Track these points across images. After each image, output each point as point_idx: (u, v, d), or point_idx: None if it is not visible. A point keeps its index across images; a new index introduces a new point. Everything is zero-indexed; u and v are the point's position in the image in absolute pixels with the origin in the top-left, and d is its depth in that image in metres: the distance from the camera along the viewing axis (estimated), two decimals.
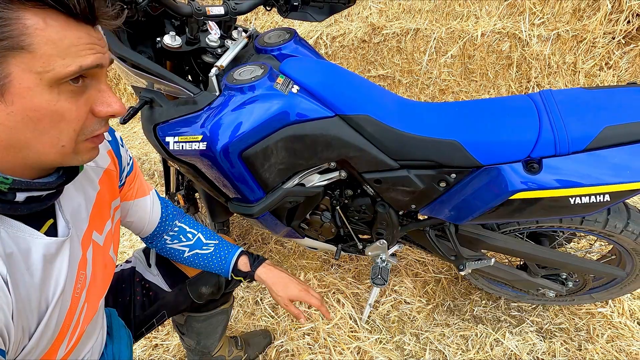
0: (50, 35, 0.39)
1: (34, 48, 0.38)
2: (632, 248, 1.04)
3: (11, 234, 0.46)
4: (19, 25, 0.37)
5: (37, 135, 0.42)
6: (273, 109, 0.86)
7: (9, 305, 0.44)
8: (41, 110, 0.41)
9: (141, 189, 0.80)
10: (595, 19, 1.70)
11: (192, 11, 0.85)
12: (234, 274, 0.86)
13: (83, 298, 0.58)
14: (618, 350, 1.26)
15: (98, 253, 0.63)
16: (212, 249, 0.87)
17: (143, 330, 0.92)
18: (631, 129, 0.77)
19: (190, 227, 0.90)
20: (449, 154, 0.90)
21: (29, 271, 0.48)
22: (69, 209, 0.56)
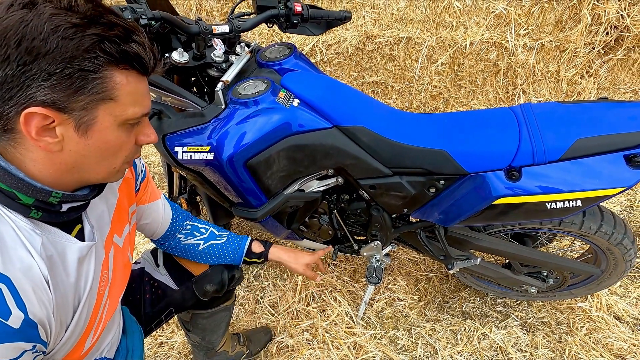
0: (130, 89, 0.49)
1: (118, 98, 0.49)
2: (606, 247, 1.13)
3: (50, 239, 0.53)
4: (111, 82, 0.47)
5: (100, 161, 0.53)
6: (275, 121, 0.93)
7: (50, 302, 0.51)
8: (109, 143, 0.52)
9: (153, 194, 0.87)
10: (576, 30, 1.79)
11: (200, 30, 0.91)
12: (247, 257, 0.96)
13: (106, 295, 0.65)
14: (595, 342, 1.36)
15: (118, 254, 0.70)
16: (225, 238, 0.97)
17: (152, 326, 0.98)
18: (601, 141, 0.85)
19: (201, 224, 0.98)
20: (438, 162, 0.97)
21: (65, 271, 0.55)
22: (94, 215, 0.63)
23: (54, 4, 0.43)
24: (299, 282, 1.56)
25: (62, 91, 0.44)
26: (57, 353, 0.55)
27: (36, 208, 0.50)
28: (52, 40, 0.42)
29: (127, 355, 0.79)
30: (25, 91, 0.43)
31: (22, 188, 0.48)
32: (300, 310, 1.48)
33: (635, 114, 0.85)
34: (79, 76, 0.44)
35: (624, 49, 1.80)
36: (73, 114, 0.46)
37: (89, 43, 0.44)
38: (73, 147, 0.49)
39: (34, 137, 0.46)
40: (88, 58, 0.44)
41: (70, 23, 0.43)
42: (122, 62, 0.47)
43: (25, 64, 0.42)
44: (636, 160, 0.81)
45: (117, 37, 0.46)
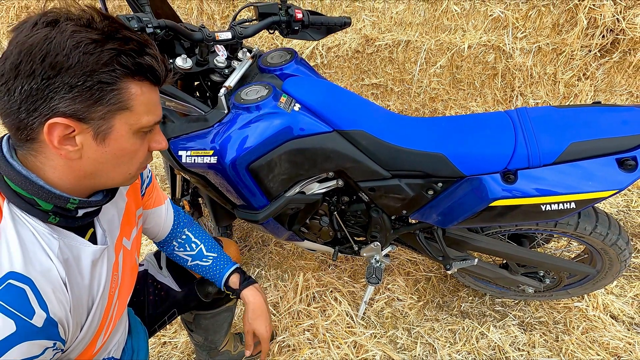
0: (144, 99, 0.53)
1: (133, 108, 0.52)
2: (601, 248, 1.16)
3: (67, 243, 0.56)
4: (127, 92, 0.51)
5: (116, 167, 0.56)
6: (277, 125, 0.95)
7: (68, 303, 0.53)
8: (125, 150, 0.55)
9: (158, 199, 0.89)
10: (573, 33, 1.82)
11: (203, 37, 0.93)
12: (225, 288, 0.93)
13: (116, 296, 0.68)
14: (591, 341, 1.38)
15: (127, 256, 0.72)
16: (210, 262, 0.93)
17: (156, 327, 1.00)
18: (594, 145, 0.87)
19: (195, 237, 0.96)
20: (436, 165, 1.00)
21: (80, 274, 0.57)
22: (105, 219, 0.66)
23: (74, 22, 0.47)
24: (300, 283, 1.59)
25: (82, 102, 0.47)
26: (72, 351, 0.58)
27: (54, 214, 0.53)
28: (74, 55, 0.45)
29: (133, 356, 0.82)
30: (48, 103, 0.46)
31: (42, 195, 0.51)
32: (301, 310, 1.50)
33: (627, 118, 0.88)
34: (98, 88, 0.48)
35: (619, 52, 1.83)
36: (92, 124, 0.50)
37: (107, 57, 0.47)
38: (91, 155, 0.52)
39: (56, 145, 0.49)
40: (106, 71, 0.47)
41: (90, 39, 0.46)
42: (137, 74, 0.50)
43: (49, 77, 0.45)
44: (628, 164, 0.84)
45: (133, 50, 0.49)
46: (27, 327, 0.46)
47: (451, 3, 1.90)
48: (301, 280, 1.59)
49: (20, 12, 2.58)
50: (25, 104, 0.46)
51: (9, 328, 0.44)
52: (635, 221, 1.88)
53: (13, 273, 0.47)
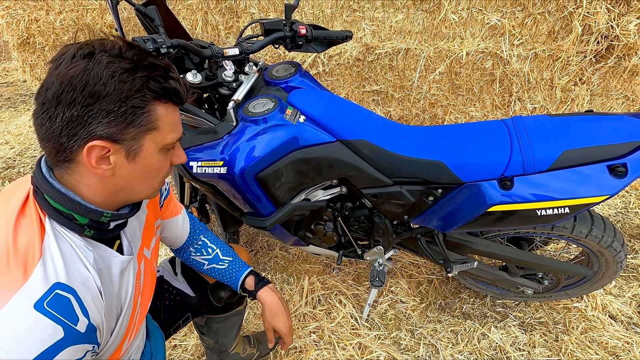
0: (169, 119, 0.58)
1: (160, 128, 0.57)
2: (597, 250, 1.20)
3: (99, 254, 0.61)
4: (155, 114, 0.56)
5: (143, 182, 0.61)
6: (283, 136, 1.00)
7: (103, 309, 0.58)
8: (152, 166, 0.60)
9: (175, 209, 0.94)
10: (568, 39, 1.86)
11: (212, 54, 0.99)
12: (241, 290, 0.97)
13: (139, 303, 0.72)
14: (590, 340, 1.41)
15: (147, 265, 0.77)
16: (226, 265, 0.97)
17: (171, 330, 1.04)
18: (586, 152, 0.92)
19: (211, 242, 1.01)
20: (435, 172, 1.04)
21: (111, 283, 0.62)
22: (129, 231, 0.71)
23: (108, 53, 0.52)
24: (305, 286, 1.63)
25: (117, 125, 0.53)
26: (103, 355, 0.63)
27: (89, 227, 0.58)
28: (110, 84, 0.51)
29: (152, 357, 0.86)
30: (87, 128, 0.51)
31: (79, 210, 0.56)
32: (307, 313, 1.54)
33: (618, 127, 0.92)
34: (131, 112, 0.53)
35: (614, 57, 1.87)
36: (125, 144, 0.55)
37: (139, 84, 0.52)
38: (123, 172, 0.57)
39: (93, 165, 0.54)
40: (138, 96, 0.53)
41: (124, 68, 0.51)
42: (163, 97, 0.56)
43: (88, 105, 0.50)
44: (618, 170, 0.88)
45: (160, 76, 0.54)
46: (73, 333, 0.51)
47: (449, 12, 1.95)
48: (306, 284, 1.64)
49: (30, 24, 2.65)
50: (66, 129, 0.51)
51: (59, 334, 0.49)
52: (633, 222, 1.91)
53: (59, 284, 0.52)
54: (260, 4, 2.18)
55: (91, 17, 2.46)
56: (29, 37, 2.63)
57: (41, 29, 2.57)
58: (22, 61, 2.75)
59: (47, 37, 2.61)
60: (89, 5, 2.42)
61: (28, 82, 2.96)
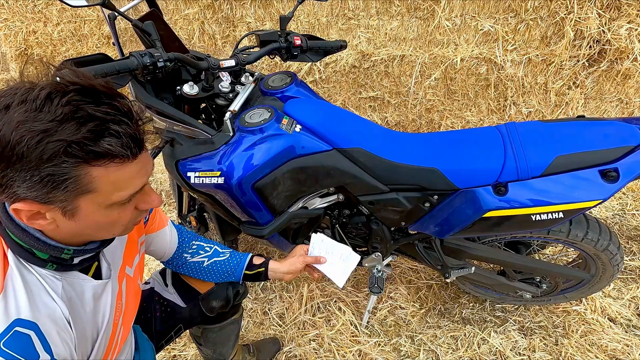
0: (111, 179, 0.50)
1: (98, 189, 0.50)
2: (593, 253, 1.20)
3: (69, 281, 0.59)
4: (87, 177, 0.48)
5: (97, 231, 0.57)
6: (280, 146, 1.01)
7: (72, 340, 0.57)
8: (100, 222, 0.55)
9: (161, 222, 0.93)
10: (561, 44, 1.89)
11: (209, 66, 1.00)
12: (248, 271, 0.98)
13: (120, 323, 0.71)
14: (590, 344, 1.42)
15: (130, 283, 0.76)
16: (228, 255, 1.00)
17: (163, 342, 1.03)
18: (578, 158, 0.93)
19: (206, 243, 1.02)
20: (431, 179, 1.05)
21: (84, 309, 0.61)
22: (109, 252, 0.70)
23: (26, 106, 0.44)
24: (305, 294, 1.63)
25: (38, 190, 0.47)
26: None
27: (51, 262, 0.56)
28: (18, 149, 0.44)
29: None
30: (10, 189, 0.47)
31: (37, 246, 0.54)
32: (307, 321, 1.54)
33: (609, 132, 0.93)
34: (48, 180, 0.46)
35: (607, 61, 1.89)
36: (56, 204, 0.49)
37: (50, 152, 0.44)
38: (67, 226, 0.53)
39: (26, 222, 0.51)
40: (53, 165, 0.45)
41: (35, 132, 0.44)
42: (94, 160, 0.47)
43: (2, 169, 0.45)
44: (610, 175, 0.89)
45: (86, 138, 0.45)
46: None
47: (443, 19, 1.98)
48: (306, 291, 1.64)
49: (28, 36, 2.67)
50: None
51: None
52: (630, 224, 1.92)
53: (20, 320, 0.50)
54: (257, 14, 2.20)
55: (89, 28, 2.48)
56: (26, 48, 2.65)
57: (39, 40, 2.59)
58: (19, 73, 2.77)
59: (45, 49, 2.63)
60: (86, 16, 2.45)
61: None
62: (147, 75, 0.90)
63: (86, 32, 2.50)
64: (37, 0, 2.42)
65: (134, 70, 0.86)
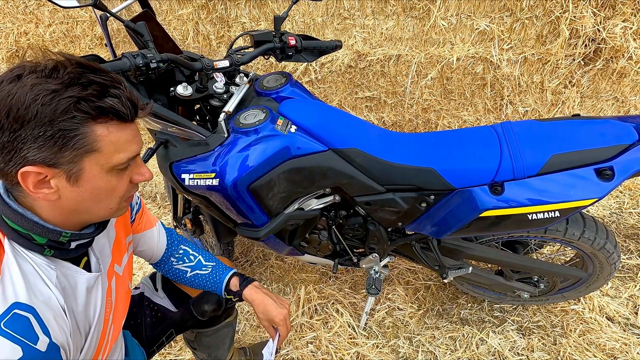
0: (112, 138, 0.54)
1: (101, 149, 0.54)
2: (590, 252, 1.20)
3: (63, 272, 0.60)
4: (92, 135, 0.52)
5: (95, 203, 0.59)
6: (275, 147, 1.00)
7: (68, 328, 0.58)
8: (101, 188, 0.57)
9: (148, 222, 0.92)
10: (556, 43, 1.89)
11: (203, 67, 0.99)
12: (226, 293, 0.94)
13: (110, 320, 0.71)
14: (589, 343, 1.41)
15: (119, 282, 0.76)
16: (209, 270, 0.96)
17: (154, 348, 1.02)
18: (573, 156, 0.93)
19: (192, 250, 1.00)
20: (427, 179, 1.04)
21: (76, 301, 0.61)
22: (98, 247, 0.70)
23: (36, 74, 0.49)
24: (302, 296, 1.62)
25: (48, 150, 0.50)
26: None
27: (49, 247, 0.57)
28: (32, 108, 0.48)
29: None
30: (19, 153, 0.50)
31: (36, 230, 0.56)
32: (304, 323, 1.53)
33: (604, 130, 0.93)
34: (60, 135, 0.50)
35: (602, 60, 1.90)
36: (62, 167, 0.52)
37: (64, 106, 0.49)
38: (69, 195, 0.55)
39: (32, 190, 0.52)
40: (65, 119, 0.49)
41: (48, 90, 0.48)
42: (99, 117, 0.52)
43: (15, 130, 0.49)
44: (605, 174, 0.89)
45: (92, 95, 0.51)
46: (33, 352, 0.50)
47: (438, 18, 1.97)
48: (303, 293, 1.63)
49: (19, 37, 2.65)
50: (1, 155, 0.50)
51: (17, 353, 0.49)
52: (627, 223, 1.92)
53: (18, 303, 0.51)
54: (251, 14, 2.19)
55: (81, 29, 2.46)
56: (18, 50, 2.63)
57: (31, 41, 2.57)
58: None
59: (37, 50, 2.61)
60: (78, 17, 2.43)
61: None
62: (140, 76, 0.89)
63: (78, 33, 2.47)
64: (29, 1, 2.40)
65: (127, 72, 0.85)
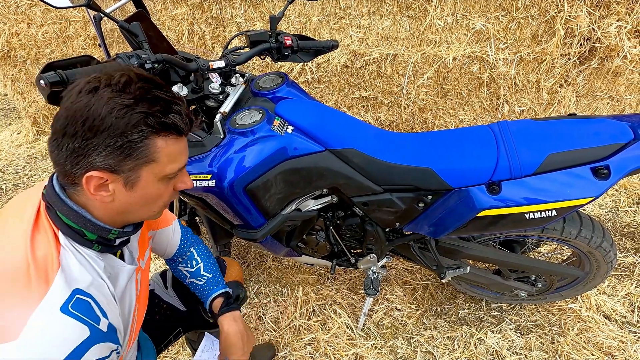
0: (169, 150, 0.60)
1: (158, 159, 0.59)
2: (587, 250, 1.20)
3: (108, 263, 0.66)
4: (153, 147, 0.58)
5: (143, 207, 0.64)
6: (272, 148, 0.99)
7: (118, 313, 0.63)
8: (150, 195, 0.63)
9: (165, 220, 0.95)
10: (552, 43, 1.89)
11: (198, 67, 0.98)
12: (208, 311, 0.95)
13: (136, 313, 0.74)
14: (586, 341, 1.42)
15: (143, 276, 0.79)
16: (203, 281, 0.97)
17: (162, 346, 1.02)
18: (569, 155, 0.93)
19: (198, 255, 1.01)
20: (425, 179, 1.04)
21: (119, 290, 0.67)
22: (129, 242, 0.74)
23: (111, 88, 0.55)
24: (300, 297, 1.61)
25: (114, 158, 0.56)
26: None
27: (97, 243, 0.63)
28: (108, 120, 0.54)
29: None
30: (87, 158, 0.55)
31: (89, 227, 0.61)
32: (302, 325, 1.52)
33: (600, 130, 0.93)
34: (127, 146, 0.56)
35: (597, 59, 1.91)
36: (122, 174, 0.58)
37: (135, 120, 0.55)
38: (122, 199, 0.61)
39: (92, 192, 0.58)
40: (134, 132, 0.55)
41: (122, 104, 0.54)
42: (162, 131, 0.58)
43: (88, 138, 0.54)
44: (601, 172, 0.89)
45: (159, 111, 0.56)
46: (97, 332, 0.56)
47: (434, 18, 1.97)
48: (300, 295, 1.62)
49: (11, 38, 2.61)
50: (69, 158, 0.56)
51: (85, 333, 0.54)
52: (623, 221, 1.93)
53: (78, 289, 0.57)
54: (247, 14, 2.18)
55: (74, 29, 2.44)
56: (9, 50, 2.59)
57: (22, 42, 2.54)
58: (2, 75, 2.71)
59: (29, 51, 2.58)
60: (71, 17, 2.40)
61: (9, 96, 2.92)
62: None
63: (71, 33, 2.45)
64: (20, 1, 2.37)
65: None
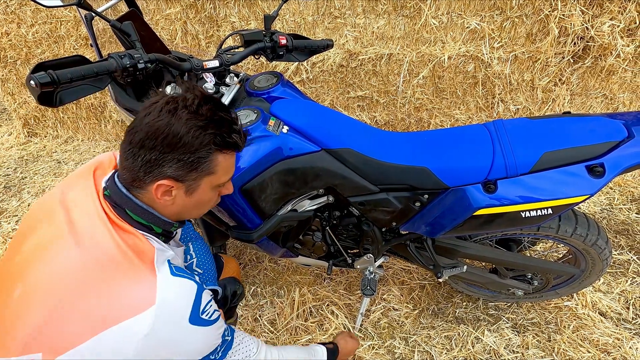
0: (225, 164, 0.72)
1: (216, 172, 0.71)
2: (583, 248, 1.21)
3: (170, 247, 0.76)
4: (215, 161, 0.69)
5: (194, 209, 0.76)
6: (267, 148, 0.99)
7: None
8: (203, 200, 0.74)
9: None
10: (546, 41, 1.90)
11: (192, 67, 0.97)
12: None
13: None
14: (582, 339, 1.42)
15: None
16: None
17: None
18: (565, 154, 0.93)
19: (193, 249, 1.07)
20: (421, 178, 1.04)
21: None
22: None
23: (187, 110, 0.64)
24: (296, 298, 1.60)
25: (182, 169, 0.66)
26: None
27: (162, 235, 0.74)
28: (185, 138, 0.64)
29: None
30: (159, 169, 0.65)
31: (157, 222, 0.72)
32: (299, 326, 1.51)
33: (594, 127, 0.93)
34: (196, 161, 0.66)
35: (591, 58, 1.92)
36: (186, 183, 0.68)
37: (207, 139, 0.65)
38: (180, 202, 0.72)
39: (158, 197, 0.69)
40: (205, 150, 0.66)
41: (197, 126, 0.64)
42: (225, 148, 0.69)
43: (165, 152, 0.64)
44: (596, 170, 0.89)
45: (225, 132, 0.67)
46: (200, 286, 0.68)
47: (429, 17, 1.97)
48: (297, 296, 1.61)
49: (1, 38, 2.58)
50: (144, 167, 0.65)
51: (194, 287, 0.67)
52: (618, 218, 1.95)
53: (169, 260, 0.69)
54: (241, 13, 2.17)
55: (65, 29, 2.41)
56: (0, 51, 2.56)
57: (12, 42, 2.51)
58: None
59: (19, 51, 2.55)
60: (62, 17, 2.38)
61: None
62: (127, 77, 0.87)
63: (63, 33, 2.42)
64: (10, 1, 2.34)
65: (113, 73, 0.82)
